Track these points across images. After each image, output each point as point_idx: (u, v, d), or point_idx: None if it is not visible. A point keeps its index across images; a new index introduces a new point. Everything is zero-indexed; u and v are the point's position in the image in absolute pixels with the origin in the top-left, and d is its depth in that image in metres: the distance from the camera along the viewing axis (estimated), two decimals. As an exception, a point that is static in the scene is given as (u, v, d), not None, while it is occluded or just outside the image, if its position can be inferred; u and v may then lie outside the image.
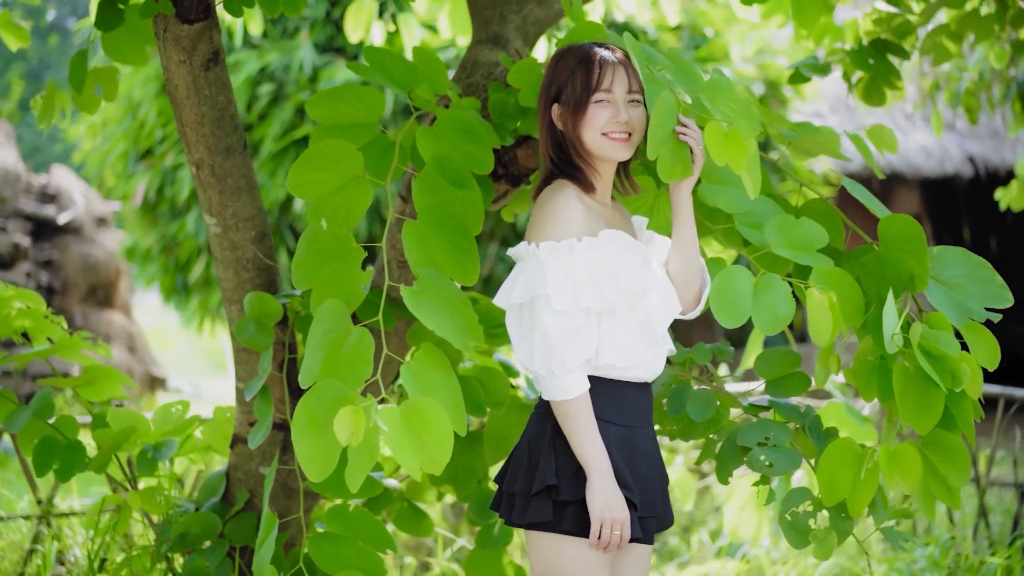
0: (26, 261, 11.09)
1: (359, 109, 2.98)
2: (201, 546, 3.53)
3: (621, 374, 2.63)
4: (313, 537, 3.18)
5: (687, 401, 3.14)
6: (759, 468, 3.01)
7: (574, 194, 2.62)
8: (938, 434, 2.79)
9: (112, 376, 3.83)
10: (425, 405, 2.47)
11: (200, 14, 3.08)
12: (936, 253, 2.86)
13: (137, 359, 11.82)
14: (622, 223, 2.73)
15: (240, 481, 3.62)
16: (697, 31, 8.99)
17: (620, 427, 2.63)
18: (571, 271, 2.54)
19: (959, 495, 2.84)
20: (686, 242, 2.66)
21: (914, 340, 2.65)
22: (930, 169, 10.80)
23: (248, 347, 3.28)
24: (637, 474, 2.64)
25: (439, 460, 2.47)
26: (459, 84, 3.42)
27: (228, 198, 3.33)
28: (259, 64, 8.34)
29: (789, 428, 3.06)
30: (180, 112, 3.23)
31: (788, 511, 2.94)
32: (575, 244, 2.56)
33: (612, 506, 2.53)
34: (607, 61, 2.65)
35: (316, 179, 2.83)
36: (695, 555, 5.77)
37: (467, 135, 2.95)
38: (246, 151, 3.34)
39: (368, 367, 2.55)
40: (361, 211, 2.87)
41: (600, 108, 2.63)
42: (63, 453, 3.60)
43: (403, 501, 3.79)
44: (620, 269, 2.57)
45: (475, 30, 3.58)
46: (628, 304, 2.59)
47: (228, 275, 3.42)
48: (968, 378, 2.68)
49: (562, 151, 2.67)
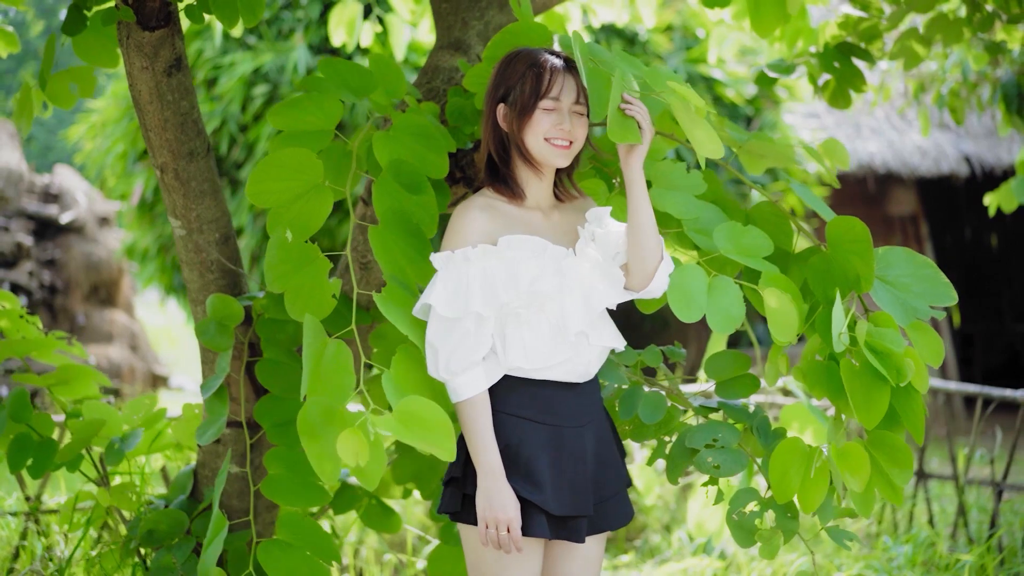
0: (29, 260, 11.19)
1: (319, 117, 3.03)
2: (169, 542, 3.59)
3: (542, 375, 2.68)
4: (264, 544, 3.25)
5: (638, 403, 3.19)
6: (706, 469, 3.06)
7: (479, 205, 2.71)
8: (882, 434, 2.85)
9: (86, 375, 3.89)
10: (417, 405, 2.54)
11: (161, 21, 3.14)
12: (881, 254, 2.91)
13: (139, 357, 11.91)
14: (551, 227, 2.77)
15: (207, 478, 3.68)
16: (689, 32, 9.02)
17: (546, 426, 2.69)
18: (464, 278, 2.63)
19: (902, 493, 2.89)
20: (637, 217, 2.67)
21: (860, 338, 2.70)
22: (926, 169, 10.80)
23: (208, 347, 3.34)
24: (562, 473, 2.68)
25: (447, 448, 2.55)
26: (420, 89, 3.48)
27: (192, 201, 3.39)
28: (254, 65, 8.41)
29: (737, 429, 3.11)
30: (144, 117, 3.29)
31: (735, 511, 3.00)
32: (470, 252, 2.64)
33: (495, 506, 2.59)
34: (557, 69, 2.72)
35: (275, 188, 2.89)
36: (676, 553, 5.81)
37: (423, 139, 3.01)
38: (209, 155, 3.40)
39: (351, 378, 2.62)
40: (321, 218, 2.93)
41: (545, 114, 2.70)
42: (36, 450, 3.67)
43: (370, 498, 3.85)
44: (522, 273, 2.64)
45: (438, 35, 3.64)
46: (533, 306, 2.65)
47: (193, 276, 3.49)
48: (913, 372, 2.74)
49: (504, 151, 2.74)
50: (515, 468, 2.65)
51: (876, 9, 4.40)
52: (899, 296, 2.88)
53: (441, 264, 2.66)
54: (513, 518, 2.60)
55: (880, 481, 2.87)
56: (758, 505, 2.98)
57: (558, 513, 2.66)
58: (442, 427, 2.52)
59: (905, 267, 2.91)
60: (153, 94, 3.24)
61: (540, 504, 2.63)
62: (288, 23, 8.70)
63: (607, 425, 2.85)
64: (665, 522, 6.11)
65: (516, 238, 2.67)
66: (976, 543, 5.33)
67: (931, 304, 2.86)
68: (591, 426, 2.78)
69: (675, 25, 8.96)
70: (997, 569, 5.01)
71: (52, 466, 3.67)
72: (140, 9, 3.12)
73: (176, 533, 3.59)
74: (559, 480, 2.68)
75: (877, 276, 2.86)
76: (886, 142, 10.78)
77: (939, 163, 10.80)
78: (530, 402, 2.68)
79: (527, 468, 2.65)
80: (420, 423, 2.52)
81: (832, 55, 4.22)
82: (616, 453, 2.84)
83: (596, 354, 2.76)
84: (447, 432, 2.53)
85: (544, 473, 2.65)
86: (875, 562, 5.11)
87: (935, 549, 5.21)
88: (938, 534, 5.46)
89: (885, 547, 5.34)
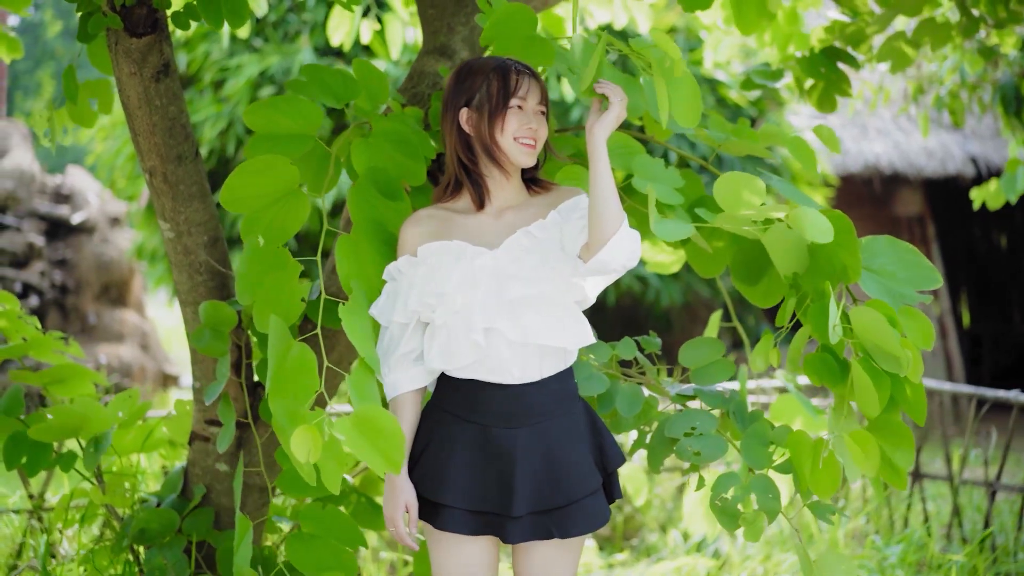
0: (40, 260, 11.29)
1: (297, 120, 3.06)
2: (161, 541, 3.65)
3: (465, 374, 2.77)
4: (290, 539, 3.29)
5: (616, 397, 3.24)
6: (688, 457, 3.11)
7: (416, 218, 2.84)
8: (883, 418, 2.89)
9: (82, 374, 3.94)
10: (373, 412, 2.56)
11: (148, 28, 3.20)
12: (865, 244, 2.94)
13: (150, 357, 12.00)
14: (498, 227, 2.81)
15: (198, 477, 3.73)
16: (692, 34, 9.06)
17: (472, 424, 2.77)
18: (393, 289, 2.81)
19: (905, 476, 2.93)
20: (596, 186, 2.67)
21: (857, 330, 2.76)
22: (932, 170, 10.80)
23: (205, 354, 3.41)
24: (480, 471, 2.76)
25: (396, 460, 2.56)
26: (405, 94, 3.53)
27: (180, 204, 3.45)
28: (260, 67, 8.50)
29: (714, 416, 3.16)
30: (132, 121, 3.35)
31: (718, 496, 3.05)
32: (401, 263, 2.81)
33: (387, 504, 2.81)
34: (521, 71, 2.80)
35: (249, 194, 2.94)
36: (672, 552, 5.85)
37: (401, 146, 3.06)
38: (198, 158, 3.46)
39: (314, 381, 2.64)
40: (297, 225, 2.98)
41: (514, 114, 2.77)
42: (31, 448, 3.73)
43: (359, 496, 3.90)
44: (440, 279, 2.74)
45: (424, 40, 3.69)
46: (443, 309, 2.74)
47: (182, 278, 3.55)
48: (910, 364, 2.78)
49: (471, 154, 2.81)
50: (429, 464, 2.78)
51: (866, 13, 4.43)
52: (886, 284, 2.91)
53: (385, 276, 2.84)
54: (395, 516, 2.77)
55: (883, 465, 2.91)
56: (739, 489, 3.03)
57: (464, 507, 2.74)
58: (394, 438, 2.54)
59: (889, 255, 2.95)
60: (141, 99, 3.30)
61: (440, 500, 2.75)
62: (294, 26, 8.79)
63: (573, 429, 2.82)
64: (661, 521, 6.15)
65: (434, 245, 2.77)
66: (970, 543, 5.36)
67: (917, 289, 2.90)
68: (532, 428, 2.77)
69: (678, 27, 9.00)
70: (988, 569, 5.04)
71: (47, 464, 3.73)
72: (128, 16, 3.18)
73: (167, 532, 3.64)
74: (475, 477, 2.75)
75: (863, 266, 2.89)
76: (892, 143, 10.79)
77: (945, 164, 10.81)
78: (460, 400, 2.79)
79: (442, 464, 2.76)
80: (374, 431, 2.53)
81: (818, 60, 4.25)
82: (582, 458, 2.81)
83: (521, 353, 2.76)
84: (399, 446, 2.54)
85: (458, 470, 2.75)
86: (867, 561, 5.14)
87: (928, 549, 5.24)
88: (931, 534, 5.49)
89: (876, 547, 5.38)
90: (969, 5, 4.45)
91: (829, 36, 4.34)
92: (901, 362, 2.76)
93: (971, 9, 4.33)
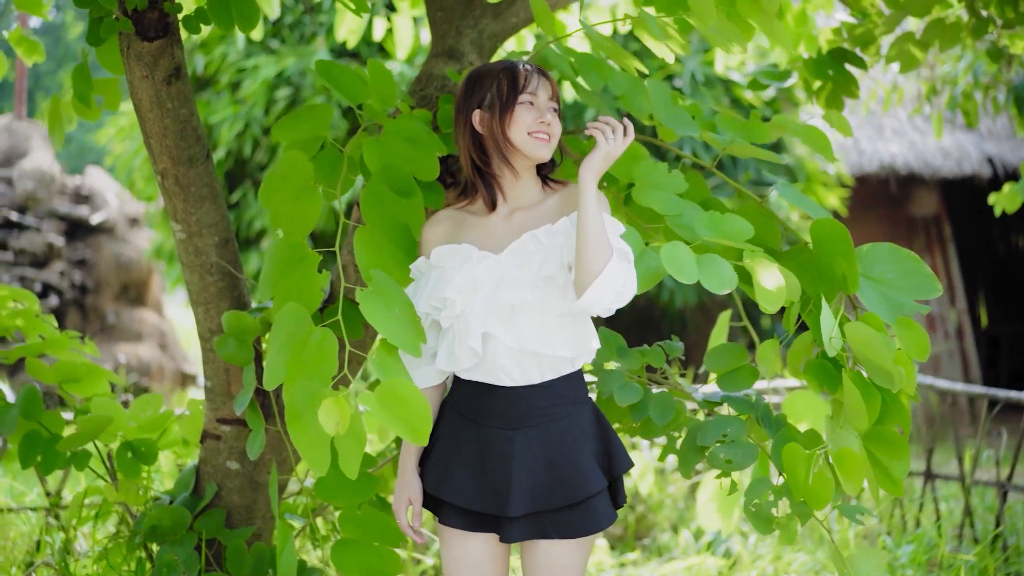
0: (60, 260, 11.38)
1: (314, 124, 3.14)
2: (173, 538, 3.69)
3: (468, 376, 2.83)
4: (335, 547, 3.32)
5: (649, 406, 3.27)
6: (720, 465, 3.12)
7: (434, 219, 2.90)
8: (877, 429, 2.91)
9: (97, 373, 3.99)
10: (397, 385, 2.57)
11: (159, 32, 3.24)
12: (866, 251, 2.94)
13: (168, 356, 12.07)
14: (507, 229, 2.83)
15: (209, 475, 3.77)
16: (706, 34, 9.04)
17: (475, 424, 2.84)
18: (416, 288, 2.85)
19: (901, 484, 2.94)
20: (579, 224, 2.68)
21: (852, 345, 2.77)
22: (948, 170, 10.77)
23: (229, 362, 3.45)
24: (479, 471, 2.81)
25: (422, 431, 2.57)
26: (414, 96, 3.56)
27: (192, 206, 3.49)
28: (277, 69, 8.55)
29: (743, 422, 3.17)
30: (144, 124, 3.39)
31: (751, 502, 3.07)
32: (420, 264, 2.87)
33: (394, 496, 2.93)
34: (530, 70, 2.84)
35: (278, 189, 3.02)
36: (683, 551, 5.87)
37: (411, 143, 3.09)
38: (209, 161, 3.50)
39: (334, 365, 2.66)
40: (313, 219, 3.03)
41: (525, 109, 2.80)
42: (46, 447, 3.78)
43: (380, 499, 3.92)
44: (447, 281, 2.78)
45: (432, 43, 3.73)
46: (447, 312, 2.78)
47: (193, 279, 3.59)
48: (903, 380, 2.80)
49: (484, 153, 2.84)
50: (436, 460, 2.87)
51: (875, 14, 4.44)
52: (884, 292, 2.90)
53: (411, 274, 2.91)
54: (399, 509, 2.89)
55: (880, 474, 2.93)
56: (772, 494, 3.04)
57: (460, 505, 2.81)
58: (420, 411, 2.55)
59: (889, 262, 2.94)
60: (153, 102, 3.34)
61: (441, 496, 2.83)
62: (310, 27, 8.84)
63: (577, 431, 2.83)
64: (673, 521, 6.17)
65: (445, 248, 2.82)
66: (981, 543, 5.36)
67: (916, 298, 2.89)
68: (533, 429, 2.80)
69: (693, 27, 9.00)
70: (999, 569, 5.04)
71: (62, 463, 3.77)
72: (139, 20, 3.22)
73: (179, 529, 3.69)
74: (473, 476, 2.81)
75: (862, 273, 2.89)
76: (908, 143, 10.77)
77: (961, 164, 10.78)
78: (466, 401, 2.86)
79: (447, 461, 2.84)
80: (400, 404, 2.55)
81: (825, 61, 4.26)
82: (585, 460, 2.80)
83: (519, 358, 2.79)
84: (425, 417, 2.55)
85: (460, 468, 2.82)
86: (878, 561, 5.14)
87: (938, 549, 5.25)
88: (943, 534, 5.50)
89: (887, 548, 5.38)
90: (978, 6, 4.46)
91: (837, 37, 4.35)
92: (894, 378, 2.78)
93: (980, 10, 4.34)
